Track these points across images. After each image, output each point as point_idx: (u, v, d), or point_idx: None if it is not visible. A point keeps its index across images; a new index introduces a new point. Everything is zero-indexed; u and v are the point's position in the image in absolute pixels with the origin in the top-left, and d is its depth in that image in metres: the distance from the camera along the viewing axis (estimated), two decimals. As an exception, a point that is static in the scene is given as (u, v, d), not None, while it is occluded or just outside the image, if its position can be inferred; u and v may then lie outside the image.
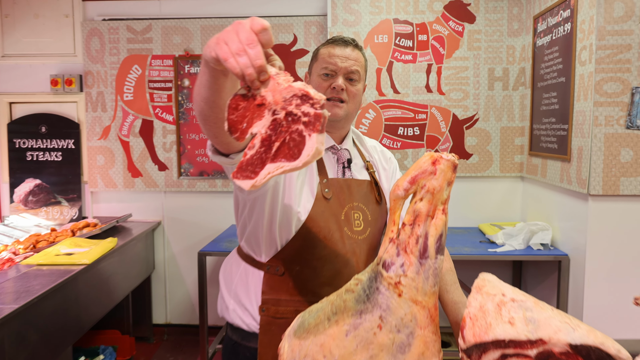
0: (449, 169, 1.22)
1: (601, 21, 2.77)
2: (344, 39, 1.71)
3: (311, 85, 1.60)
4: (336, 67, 1.66)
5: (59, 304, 2.71)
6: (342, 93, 1.66)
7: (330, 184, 1.66)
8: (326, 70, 1.66)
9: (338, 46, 1.68)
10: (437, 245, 1.24)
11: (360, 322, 1.24)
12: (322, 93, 1.61)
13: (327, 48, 1.69)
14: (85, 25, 4.17)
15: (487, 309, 1.24)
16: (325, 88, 1.66)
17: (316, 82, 1.69)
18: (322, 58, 1.69)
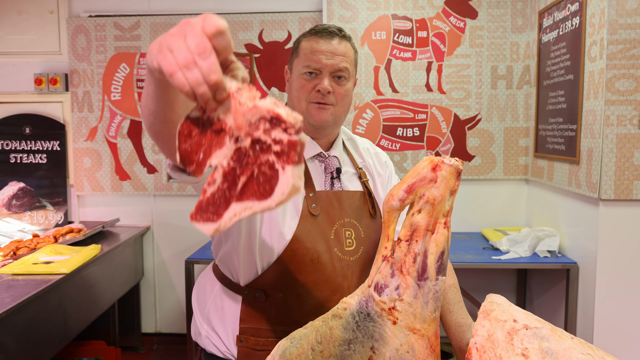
0: (451, 175, 1.04)
1: (613, 14, 2.60)
2: (328, 29, 1.48)
3: (293, 84, 1.51)
4: (321, 65, 1.45)
5: (34, 316, 2.53)
6: (329, 96, 1.46)
7: (317, 198, 1.47)
8: (309, 68, 1.45)
9: (322, 39, 1.46)
10: (438, 264, 1.06)
11: (349, 354, 1.07)
12: (305, 94, 1.47)
13: (309, 41, 1.48)
14: (70, 22, 3.99)
15: (496, 338, 1.07)
16: (309, 90, 1.46)
17: (298, 81, 1.48)
18: (304, 53, 1.47)
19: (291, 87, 1.53)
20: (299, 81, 1.48)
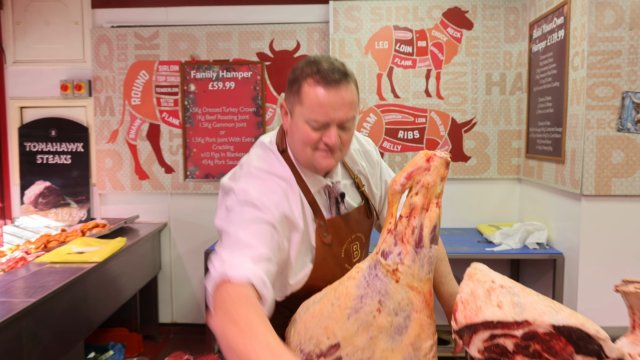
0: (442, 165, 1.33)
1: (592, 28, 2.89)
2: (334, 75, 1.41)
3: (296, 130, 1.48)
4: (328, 119, 1.42)
5: (71, 300, 2.82)
6: (336, 146, 1.47)
7: (328, 226, 1.56)
8: (316, 123, 1.43)
9: (328, 90, 1.40)
10: (431, 235, 1.35)
11: (361, 306, 1.35)
12: (312, 144, 1.47)
13: (314, 89, 1.41)
14: (94, 32, 4.29)
15: (477, 294, 1.34)
16: (315, 140, 1.46)
17: (302, 130, 1.45)
18: (309, 105, 1.42)
19: (293, 131, 1.50)
20: (304, 130, 1.45)
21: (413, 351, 1.36)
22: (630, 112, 2.89)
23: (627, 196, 2.95)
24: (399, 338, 1.36)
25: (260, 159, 1.56)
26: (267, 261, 1.32)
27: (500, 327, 1.30)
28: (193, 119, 4.33)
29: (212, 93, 4.30)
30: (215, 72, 4.28)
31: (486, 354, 1.33)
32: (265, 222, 1.37)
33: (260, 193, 1.43)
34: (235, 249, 1.30)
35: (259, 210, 1.39)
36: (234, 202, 1.43)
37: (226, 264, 1.25)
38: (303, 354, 1.42)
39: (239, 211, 1.40)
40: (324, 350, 1.38)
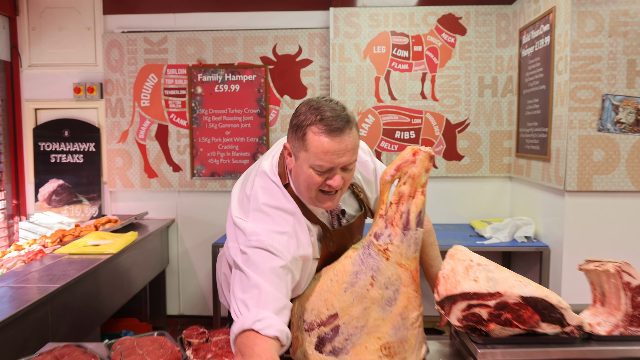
0: (426, 158, 1.54)
1: (575, 35, 3.10)
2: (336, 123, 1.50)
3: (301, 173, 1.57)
4: (333, 165, 1.52)
5: (89, 288, 3.03)
6: (338, 187, 1.56)
7: (333, 236, 1.71)
8: (321, 168, 1.52)
9: (333, 137, 1.49)
10: (417, 219, 1.56)
11: (356, 281, 1.57)
12: (316, 186, 1.56)
13: (319, 137, 1.49)
14: (105, 37, 4.51)
15: (457, 271, 1.56)
16: (319, 183, 1.55)
17: (307, 173, 1.54)
18: (314, 152, 1.50)
19: (297, 173, 1.58)
20: (309, 174, 1.54)
21: (401, 320, 1.57)
22: (610, 114, 3.11)
23: (607, 192, 3.16)
24: (389, 309, 1.57)
25: (266, 192, 1.62)
26: (287, 309, 1.46)
27: (475, 298, 1.51)
28: (200, 120, 4.54)
29: (218, 95, 4.51)
30: (221, 75, 4.50)
31: (464, 322, 1.55)
32: (281, 268, 1.48)
33: (272, 238, 1.52)
34: (259, 299, 1.41)
35: (274, 256, 1.49)
36: (248, 245, 1.52)
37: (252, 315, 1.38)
38: (306, 323, 1.63)
39: (254, 256, 1.49)
40: (324, 319, 1.60)
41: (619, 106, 3.10)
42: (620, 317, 1.58)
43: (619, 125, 3.11)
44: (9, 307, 2.25)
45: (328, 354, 1.60)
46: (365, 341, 1.57)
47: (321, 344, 1.60)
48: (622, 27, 3.07)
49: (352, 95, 4.32)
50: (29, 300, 2.34)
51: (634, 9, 3.05)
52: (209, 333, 1.84)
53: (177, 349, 1.70)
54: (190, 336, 1.80)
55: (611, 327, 1.58)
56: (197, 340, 1.78)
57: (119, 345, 1.75)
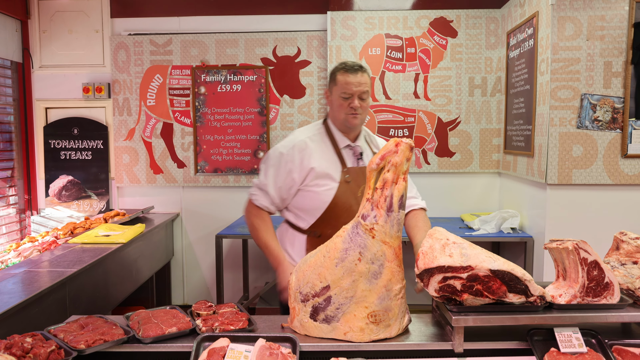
0: (407, 149, 1.76)
1: (555, 38, 3.32)
2: (354, 67, 2.31)
3: (334, 102, 2.38)
4: (352, 92, 2.30)
5: (102, 274, 3.25)
6: (358, 109, 2.32)
7: (349, 172, 2.37)
8: (345, 95, 2.31)
9: (351, 74, 2.30)
10: (399, 202, 1.78)
11: (346, 257, 1.78)
12: (344, 110, 2.33)
13: (343, 75, 2.32)
14: (113, 40, 4.73)
15: (434, 247, 1.78)
16: (346, 107, 2.32)
17: (337, 101, 2.34)
18: (340, 84, 2.32)
19: (332, 103, 2.38)
20: (338, 101, 2.34)
21: (386, 291, 1.79)
22: (588, 112, 3.32)
23: (585, 185, 3.38)
24: (375, 281, 1.79)
25: None
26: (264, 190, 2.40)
27: (450, 270, 1.73)
28: (203, 119, 4.76)
29: (220, 95, 4.73)
30: (223, 75, 4.72)
31: (441, 292, 1.76)
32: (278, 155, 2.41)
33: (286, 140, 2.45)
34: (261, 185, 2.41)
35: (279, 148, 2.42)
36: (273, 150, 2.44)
37: (254, 195, 2.42)
38: (302, 295, 1.85)
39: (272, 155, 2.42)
40: (318, 291, 1.81)
41: (596, 105, 3.32)
42: (578, 288, 1.79)
43: (597, 122, 3.33)
44: (31, 288, 2.46)
45: (321, 322, 1.82)
46: (354, 310, 1.79)
47: (315, 313, 1.82)
48: (599, 31, 3.29)
49: (349, 95, 4.53)
50: (49, 282, 2.56)
51: (610, 14, 3.26)
52: (215, 307, 2.06)
53: (188, 319, 1.92)
54: (199, 309, 2.02)
55: (570, 298, 1.80)
56: (205, 312, 1.99)
57: (135, 316, 1.96)
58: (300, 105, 4.71)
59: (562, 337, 1.75)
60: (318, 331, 1.83)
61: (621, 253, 1.98)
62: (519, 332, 1.84)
